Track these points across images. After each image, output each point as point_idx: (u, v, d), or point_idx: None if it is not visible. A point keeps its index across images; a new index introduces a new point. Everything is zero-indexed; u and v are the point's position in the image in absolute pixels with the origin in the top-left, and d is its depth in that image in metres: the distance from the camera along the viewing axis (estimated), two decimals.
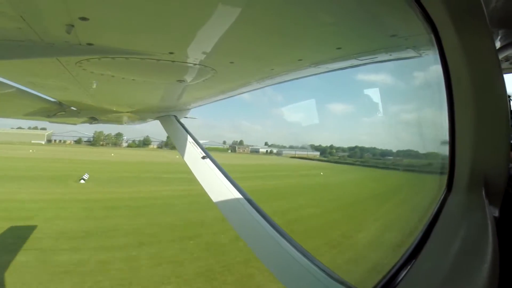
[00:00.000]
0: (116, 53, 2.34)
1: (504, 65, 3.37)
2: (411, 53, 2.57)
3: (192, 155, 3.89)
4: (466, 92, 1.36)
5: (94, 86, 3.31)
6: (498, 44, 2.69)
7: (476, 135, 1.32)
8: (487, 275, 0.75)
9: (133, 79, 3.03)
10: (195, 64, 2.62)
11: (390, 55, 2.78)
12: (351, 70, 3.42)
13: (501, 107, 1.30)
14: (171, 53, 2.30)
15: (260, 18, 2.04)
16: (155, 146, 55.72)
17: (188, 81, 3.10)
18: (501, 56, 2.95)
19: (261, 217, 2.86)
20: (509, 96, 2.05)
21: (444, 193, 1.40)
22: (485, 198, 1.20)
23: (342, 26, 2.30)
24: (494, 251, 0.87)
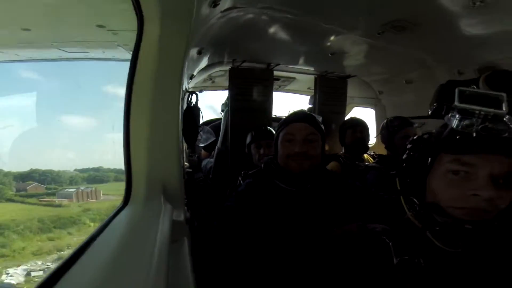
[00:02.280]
0: None
1: (208, 83, 3.79)
2: (124, 53, 2.39)
3: None
4: (146, 103, 1.32)
5: None
6: (205, 63, 2.93)
7: (152, 148, 1.31)
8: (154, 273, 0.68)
9: None
10: None
11: (104, 52, 2.48)
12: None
13: (173, 121, 1.38)
14: None
15: None
16: None
17: None
18: (206, 74, 3.30)
19: None
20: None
21: (119, 207, 1.32)
22: (165, 203, 1.23)
23: None
24: (165, 250, 0.85)
